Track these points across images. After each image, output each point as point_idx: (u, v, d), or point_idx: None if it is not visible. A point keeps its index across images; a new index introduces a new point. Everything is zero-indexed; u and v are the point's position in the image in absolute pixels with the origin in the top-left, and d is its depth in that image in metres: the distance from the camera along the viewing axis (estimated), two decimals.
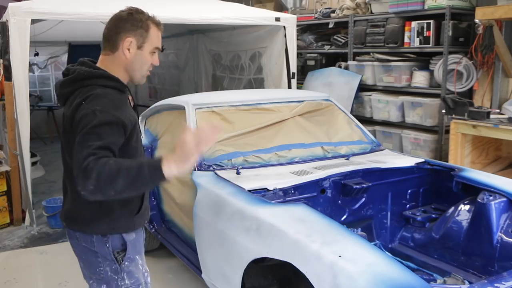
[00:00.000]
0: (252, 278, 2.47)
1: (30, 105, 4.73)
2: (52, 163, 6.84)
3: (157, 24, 1.91)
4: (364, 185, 2.86)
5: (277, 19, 5.63)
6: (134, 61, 1.88)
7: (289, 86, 5.76)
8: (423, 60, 5.33)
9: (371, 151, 3.46)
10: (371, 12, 5.77)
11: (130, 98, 2.01)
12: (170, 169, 1.60)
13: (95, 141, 1.65)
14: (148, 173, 1.60)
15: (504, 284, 1.82)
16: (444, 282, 2.62)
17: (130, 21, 1.86)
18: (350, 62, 5.96)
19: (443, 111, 4.73)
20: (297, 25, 6.04)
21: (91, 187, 1.58)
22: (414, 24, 5.13)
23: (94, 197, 1.63)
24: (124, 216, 1.90)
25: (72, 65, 1.95)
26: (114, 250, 1.89)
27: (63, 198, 2.03)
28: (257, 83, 6.51)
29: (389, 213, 3.14)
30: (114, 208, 1.86)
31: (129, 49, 1.86)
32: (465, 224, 2.79)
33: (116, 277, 1.90)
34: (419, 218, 3.06)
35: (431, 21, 4.97)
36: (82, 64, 1.91)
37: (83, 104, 1.75)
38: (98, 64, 1.91)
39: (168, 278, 3.61)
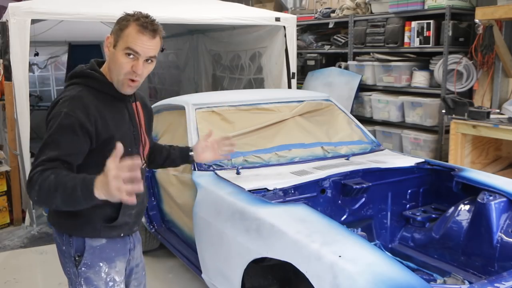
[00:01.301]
0: (252, 278, 2.47)
1: (30, 105, 4.73)
2: None
3: (141, 26, 1.71)
4: (364, 185, 2.86)
5: (277, 19, 5.62)
6: (110, 61, 1.79)
7: (289, 86, 5.76)
8: (423, 60, 5.33)
9: (371, 151, 3.46)
10: (371, 12, 5.77)
11: (135, 106, 1.93)
12: (98, 192, 1.50)
13: (51, 150, 1.64)
14: (81, 194, 1.52)
15: (504, 284, 1.82)
16: (444, 282, 2.62)
17: (117, 21, 1.78)
18: (350, 62, 5.96)
19: (443, 111, 4.73)
20: (297, 25, 6.04)
21: (34, 198, 1.61)
22: (414, 24, 5.13)
23: (41, 206, 1.67)
24: (91, 221, 1.82)
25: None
26: (75, 252, 1.85)
27: None
28: (257, 83, 6.52)
29: (389, 213, 3.14)
30: (82, 210, 1.73)
31: (108, 48, 1.79)
32: (465, 224, 2.79)
33: (75, 279, 1.89)
34: (419, 218, 3.06)
35: (431, 21, 4.97)
36: (91, 63, 1.88)
37: (58, 102, 1.74)
38: (103, 65, 1.86)
39: (168, 278, 3.61)
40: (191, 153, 2.27)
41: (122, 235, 1.93)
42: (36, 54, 8.29)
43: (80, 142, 1.69)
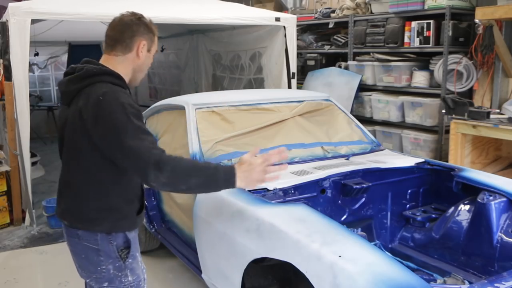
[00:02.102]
0: (252, 278, 2.47)
1: (30, 105, 4.73)
2: (52, 163, 6.83)
3: (157, 29, 2.03)
4: (364, 185, 2.86)
5: (277, 19, 5.63)
6: (144, 62, 2.00)
7: (289, 86, 5.76)
8: (423, 60, 5.33)
9: (371, 151, 3.47)
10: (371, 12, 5.77)
11: None
12: (240, 180, 1.84)
13: (145, 134, 1.76)
14: (223, 177, 1.81)
15: (504, 284, 1.82)
16: (444, 282, 2.62)
17: (142, 26, 1.96)
18: (350, 62, 5.96)
19: (443, 111, 4.73)
20: (297, 25, 6.04)
21: (163, 180, 1.72)
22: (414, 24, 5.13)
23: (163, 189, 1.79)
24: (129, 215, 1.96)
25: (76, 64, 1.98)
26: (118, 247, 1.92)
27: (60, 197, 2.01)
28: (257, 83, 6.52)
29: (389, 213, 3.14)
30: (120, 207, 1.92)
31: (142, 52, 1.96)
32: (465, 224, 2.79)
33: (120, 274, 1.93)
34: (419, 218, 3.06)
35: (431, 21, 4.97)
36: (88, 63, 1.94)
37: (101, 99, 1.79)
38: (109, 65, 1.95)
39: (168, 278, 3.61)
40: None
41: (142, 223, 2.15)
42: (36, 54, 8.31)
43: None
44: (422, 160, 3.25)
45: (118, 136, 1.74)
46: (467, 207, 2.84)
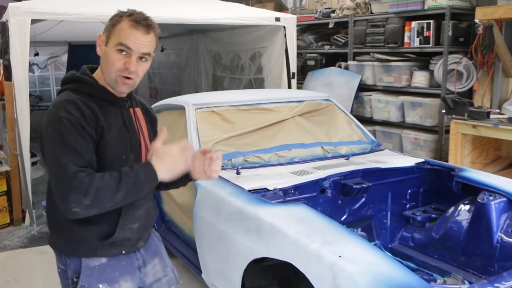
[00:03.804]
0: (252, 278, 2.47)
1: (30, 105, 4.72)
2: None
3: (134, 20, 1.65)
4: (364, 185, 2.86)
5: (277, 19, 5.62)
6: (102, 59, 1.70)
7: (289, 86, 5.76)
8: (423, 60, 5.33)
9: (371, 151, 3.46)
10: (371, 12, 5.77)
11: (133, 111, 1.80)
12: (162, 173, 1.60)
13: (75, 157, 1.54)
14: (145, 179, 1.57)
15: (504, 284, 1.82)
16: (444, 282, 2.62)
17: (110, 18, 1.72)
18: (350, 62, 5.96)
19: (443, 111, 4.73)
20: (297, 25, 6.04)
21: (87, 202, 1.50)
22: (414, 24, 5.13)
23: (87, 213, 1.53)
24: (84, 239, 1.70)
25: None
26: (73, 274, 1.72)
27: None
28: (257, 83, 6.52)
29: (389, 213, 3.14)
30: (72, 228, 1.69)
31: (100, 46, 1.71)
32: (465, 224, 2.79)
33: None
34: (419, 218, 3.06)
35: (431, 21, 4.97)
36: (82, 69, 1.78)
37: (49, 109, 1.64)
38: (96, 70, 1.76)
39: None
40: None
41: (123, 252, 1.78)
42: (36, 54, 8.31)
43: (91, 146, 1.62)
44: (422, 160, 3.25)
45: (47, 150, 1.60)
46: (467, 207, 2.84)
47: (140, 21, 1.66)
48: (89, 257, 1.72)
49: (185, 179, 1.94)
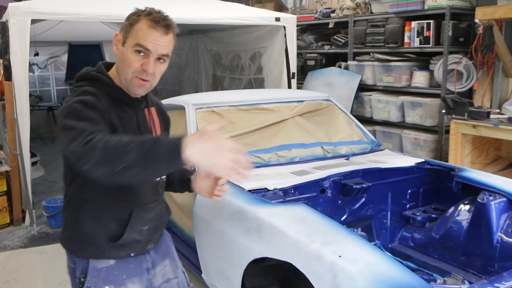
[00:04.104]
0: (252, 278, 2.47)
1: (30, 105, 4.73)
2: (52, 163, 6.83)
3: (153, 20, 1.59)
4: (364, 185, 2.86)
5: (277, 19, 5.63)
6: (118, 59, 1.65)
7: (289, 86, 5.76)
8: (423, 60, 5.33)
9: (371, 151, 3.46)
10: (371, 12, 5.77)
11: (148, 111, 1.76)
12: (193, 151, 1.32)
13: (88, 125, 1.46)
14: (164, 150, 1.33)
15: (504, 284, 1.82)
16: (444, 282, 2.62)
17: (126, 18, 1.64)
18: (350, 62, 5.96)
19: (443, 111, 4.73)
20: (297, 25, 6.04)
21: (96, 159, 1.35)
22: (414, 24, 5.13)
23: (99, 172, 1.37)
24: (93, 240, 1.68)
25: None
26: (81, 274, 1.71)
27: None
28: (257, 83, 6.52)
29: (389, 213, 3.14)
30: (81, 229, 1.68)
31: (117, 46, 1.66)
32: (465, 224, 2.79)
33: None
34: (419, 218, 3.06)
35: (431, 21, 4.97)
36: (98, 66, 1.73)
37: (65, 100, 1.61)
38: (112, 68, 1.72)
39: None
40: (190, 177, 1.95)
41: (132, 254, 1.75)
42: (36, 54, 8.30)
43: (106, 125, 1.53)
44: (422, 160, 3.25)
45: (61, 130, 1.48)
46: (467, 207, 2.84)
47: (159, 21, 1.60)
48: (96, 259, 1.69)
49: (184, 186, 1.93)
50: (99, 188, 1.59)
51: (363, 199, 3.00)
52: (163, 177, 1.84)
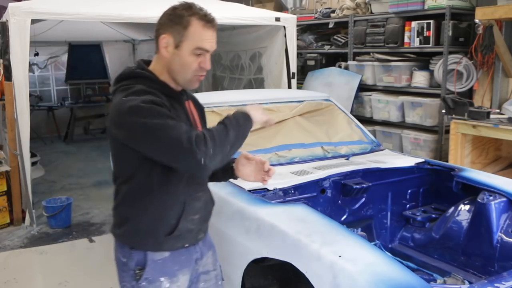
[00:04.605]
0: (252, 278, 2.47)
1: (30, 105, 4.73)
2: (52, 163, 6.80)
3: (206, 21, 1.67)
4: (364, 185, 2.86)
5: (277, 19, 5.63)
6: (172, 62, 1.69)
7: (289, 86, 5.77)
8: (423, 60, 5.33)
9: (371, 151, 3.46)
10: (371, 12, 5.77)
11: (189, 105, 1.85)
12: (254, 112, 1.75)
13: (177, 121, 1.58)
14: (243, 121, 1.69)
15: (504, 284, 1.82)
16: (444, 282, 2.62)
17: (169, 17, 1.68)
18: (350, 62, 5.96)
19: (443, 111, 4.73)
20: (297, 25, 6.04)
21: (211, 151, 1.54)
22: (414, 24, 5.13)
23: (214, 163, 1.58)
24: (153, 233, 1.74)
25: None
26: (136, 266, 1.75)
27: None
28: (257, 83, 6.52)
29: (389, 213, 3.14)
30: (141, 223, 1.74)
31: (167, 48, 1.68)
32: (465, 224, 2.79)
33: None
34: (419, 218, 3.06)
35: (431, 21, 4.97)
36: (137, 63, 1.78)
37: (120, 102, 1.63)
38: (151, 65, 1.77)
39: None
40: (232, 164, 2.02)
41: (187, 245, 1.82)
42: (36, 54, 8.30)
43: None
44: (422, 160, 3.25)
45: (139, 135, 1.59)
46: (467, 207, 2.84)
47: (210, 20, 1.69)
48: (154, 251, 1.75)
49: (227, 174, 2.03)
50: (158, 183, 1.70)
51: (363, 199, 3.00)
52: None
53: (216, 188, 2.65)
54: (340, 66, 6.14)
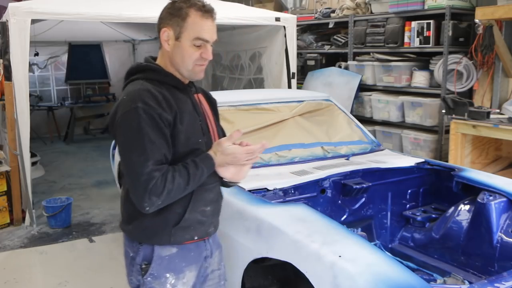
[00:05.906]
0: (252, 278, 2.47)
1: (30, 105, 4.73)
2: (52, 163, 6.80)
3: (204, 11, 1.71)
4: (364, 185, 2.86)
5: (277, 19, 5.63)
6: (174, 54, 1.72)
7: (289, 86, 5.76)
8: (423, 60, 5.33)
9: (371, 151, 3.46)
10: (371, 12, 5.77)
11: (198, 97, 1.86)
12: (220, 169, 1.77)
13: (152, 153, 1.60)
14: (207, 173, 1.71)
15: (504, 284, 1.82)
16: (444, 282, 2.62)
17: (169, 10, 1.72)
18: (350, 62, 5.96)
19: (443, 111, 4.73)
20: (297, 25, 6.04)
21: (159, 203, 1.63)
22: (414, 24, 5.13)
23: (155, 209, 1.65)
24: (161, 226, 1.74)
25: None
26: (143, 261, 1.76)
27: None
28: (257, 83, 6.52)
29: (389, 213, 3.14)
30: (148, 217, 1.72)
31: (168, 41, 1.72)
32: (465, 224, 2.79)
33: None
34: (419, 218, 3.06)
35: (431, 21, 4.97)
36: (145, 59, 1.82)
37: (123, 99, 1.67)
38: (157, 60, 1.81)
39: None
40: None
41: (196, 238, 1.81)
42: (36, 54, 8.30)
43: (168, 135, 1.67)
44: (422, 160, 3.25)
45: (122, 142, 1.66)
46: (467, 207, 2.84)
47: (208, 10, 1.73)
48: (162, 245, 1.76)
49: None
50: None
51: (363, 199, 3.00)
52: None
53: None
54: (340, 66, 6.14)
